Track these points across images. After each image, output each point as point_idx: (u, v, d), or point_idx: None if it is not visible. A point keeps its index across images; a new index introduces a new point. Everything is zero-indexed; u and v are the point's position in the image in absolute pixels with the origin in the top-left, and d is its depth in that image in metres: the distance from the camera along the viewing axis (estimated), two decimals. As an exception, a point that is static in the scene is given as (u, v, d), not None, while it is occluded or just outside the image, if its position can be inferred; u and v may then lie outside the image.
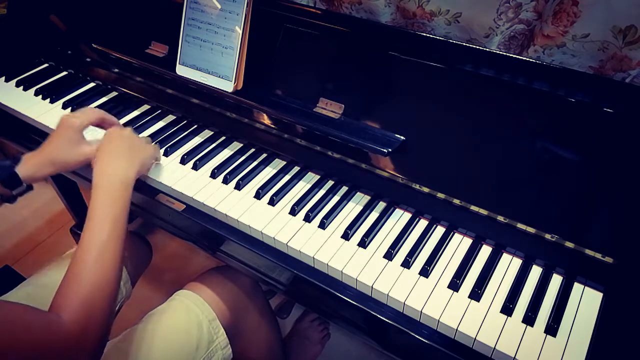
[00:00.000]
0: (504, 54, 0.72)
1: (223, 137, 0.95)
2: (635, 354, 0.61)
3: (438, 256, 0.72)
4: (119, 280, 0.64)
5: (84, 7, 1.12)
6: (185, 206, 0.84)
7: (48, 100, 1.05)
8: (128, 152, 0.77)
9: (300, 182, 0.85)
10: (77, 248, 0.63)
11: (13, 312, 0.55)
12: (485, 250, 0.74)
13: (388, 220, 0.78)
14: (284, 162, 0.89)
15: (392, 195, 0.81)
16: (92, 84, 1.11)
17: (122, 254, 0.65)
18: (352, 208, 0.80)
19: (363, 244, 0.74)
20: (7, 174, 0.74)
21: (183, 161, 0.89)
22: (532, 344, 0.61)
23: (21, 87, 1.09)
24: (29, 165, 0.77)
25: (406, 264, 0.71)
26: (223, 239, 0.81)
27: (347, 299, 0.70)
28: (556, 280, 0.69)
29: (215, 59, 0.88)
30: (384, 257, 0.72)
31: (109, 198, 0.68)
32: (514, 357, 0.60)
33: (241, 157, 0.91)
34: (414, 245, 0.73)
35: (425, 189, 0.77)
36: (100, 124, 0.85)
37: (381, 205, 0.81)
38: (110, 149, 0.77)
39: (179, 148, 0.93)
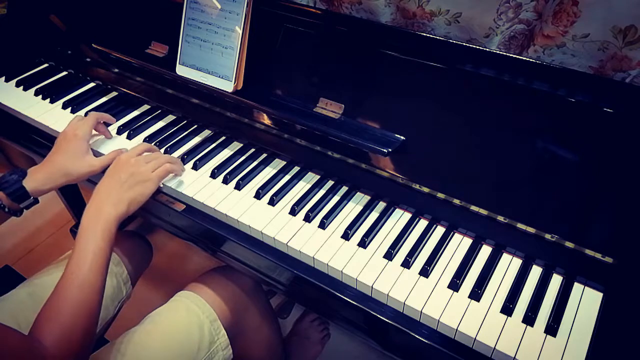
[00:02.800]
0: (504, 54, 0.72)
1: (223, 137, 0.95)
2: (635, 354, 0.61)
3: (438, 256, 0.72)
4: (98, 308, 0.66)
5: (84, 7, 1.12)
6: (185, 206, 0.84)
7: (48, 100, 1.05)
8: (124, 187, 0.75)
9: (300, 182, 0.85)
10: (61, 277, 0.65)
11: None
12: (485, 250, 0.74)
13: (388, 220, 0.78)
14: (284, 162, 0.89)
15: (392, 195, 0.81)
16: (92, 84, 1.11)
17: (103, 284, 0.68)
18: (352, 208, 0.80)
19: (363, 244, 0.74)
20: (14, 188, 0.75)
21: (183, 161, 0.89)
22: (532, 344, 0.61)
23: (21, 87, 1.09)
24: (35, 178, 0.78)
25: (406, 264, 0.71)
26: (223, 239, 0.81)
27: (347, 299, 0.70)
28: (556, 280, 0.69)
29: (215, 59, 0.88)
30: (384, 257, 0.72)
31: (92, 233, 0.69)
32: (514, 357, 0.60)
33: (241, 157, 0.91)
34: (414, 245, 0.74)
35: (425, 189, 0.77)
36: (98, 126, 0.87)
37: (381, 205, 0.81)
38: (108, 180, 0.76)
39: (179, 148, 0.93)
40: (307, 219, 0.78)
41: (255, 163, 0.89)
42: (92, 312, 0.65)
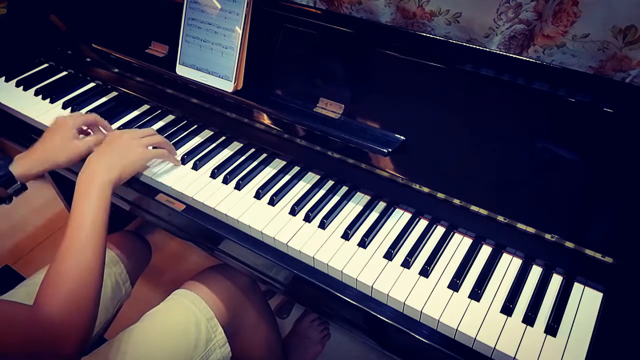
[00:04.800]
0: (504, 54, 0.72)
1: (223, 137, 0.95)
2: (635, 354, 0.61)
3: (438, 256, 0.72)
4: (100, 273, 0.65)
5: (84, 7, 1.12)
6: (185, 206, 0.84)
7: (48, 100, 1.05)
8: (114, 155, 0.77)
9: (300, 182, 0.85)
10: (60, 245, 0.64)
11: None
12: (485, 250, 0.74)
13: (388, 220, 0.78)
14: (284, 162, 0.89)
15: (392, 195, 0.81)
16: (92, 84, 1.11)
17: (104, 250, 0.67)
18: (352, 208, 0.80)
19: (363, 244, 0.74)
20: (1, 174, 0.75)
21: (183, 161, 0.89)
22: (532, 344, 0.61)
23: (21, 87, 1.09)
24: (22, 163, 0.78)
25: (406, 264, 0.71)
26: (223, 238, 0.81)
27: (347, 299, 0.70)
28: (556, 280, 0.69)
29: (215, 59, 0.88)
30: (384, 257, 0.72)
31: (86, 199, 0.69)
32: (514, 357, 0.60)
33: (241, 157, 0.91)
34: (414, 245, 0.73)
35: (425, 189, 0.77)
36: (92, 126, 0.87)
37: (381, 205, 0.81)
38: (100, 149, 0.78)
39: (179, 148, 0.93)
40: (307, 219, 0.78)
41: (255, 163, 0.89)
42: (94, 277, 0.64)
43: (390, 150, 0.76)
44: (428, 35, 0.78)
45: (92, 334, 0.63)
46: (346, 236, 0.75)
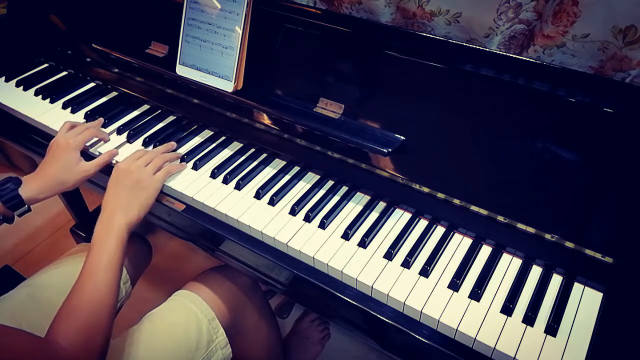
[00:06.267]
0: (504, 54, 0.72)
1: (223, 137, 0.95)
2: (635, 354, 0.61)
3: (438, 256, 0.72)
4: (113, 309, 0.68)
5: (84, 7, 1.12)
6: (185, 206, 0.84)
7: (48, 100, 1.05)
8: (129, 195, 0.77)
9: (300, 182, 0.85)
10: (76, 282, 0.67)
11: (7, 338, 0.56)
12: (485, 250, 0.74)
13: (388, 220, 0.78)
14: (284, 162, 0.89)
15: (392, 195, 0.81)
16: (92, 84, 1.11)
17: (117, 286, 0.69)
18: (352, 208, 0.80)
19: (363, 244, 0.74)
20: (10, 196, 0.76)
21: (183, 161, 0.89)
22: (532, 344, 0.61)
23: (21, 87, 1.09)
24: (31, 188, 0.79)
25: (406, 264, 0.71)
26: (223, 238, 0.81)
27: (347, 299, 0.70)
28: (556, 280, 0.69)
29: (215, 59, 0.88)
30: (384, 257, 0.72)
31: (105, 242, 0.71)
32: (514, 357, 0.60)
33: (241, 157, 0.91)
34: (414, 245, 0.73)
35: (425, 189, 0.77)
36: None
37: (381, 205, 0.81)
38: (113, 190, 0.78)
39: (179, 148, 0.93)
40: (307, 219, 0.78)
41: (255, 163, 0.89)
42: (108, 312, 0.66)
43: (390, 150, 0.76)
44: (428, 35, 0.78)
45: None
46: (346, 236, 0.75)
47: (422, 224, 0.78)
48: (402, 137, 0.78)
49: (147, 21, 1.02)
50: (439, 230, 0.77)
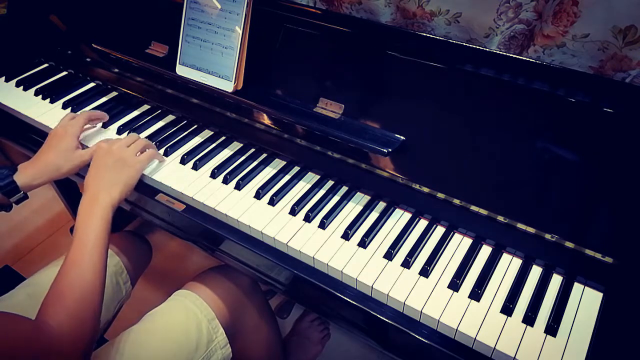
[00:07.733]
0: (504, 54, 0.72)
1: (223, 137, 0.95)
2: (635, 354, 0.61)
3: (438, 256, 0.72)
4: (101, 290, 0.68)
5: (84, 7, 1.12)
6: (185, 206, 0.84)
7: (48, 100, 1.05)
8: (112, 172, 0.78)
9: (300, 182, 0.85)
10: (62, 265, 0.67)
11: None
12: (485, 250, 0.74)
13: (388, 220, 0.78)
14: (284, 162, 0.89)
15: (392, 195, 0.81)
16: (92, 84, 1.11)
17: (104, 266, 0.70)
18: (352, 208, 0.80)
19: (363, 244, 0.74)
20: (5, 183, 0.76)
21: (183, 161, 0.89)
22: (532, 344, 0.61)
23: (21, 87, 1.09)
24: (26, 174, 0.79)
25: (406, 264, 0.71)
26: (223, 239, 0.81)
27: (347, 299, 0.70)
28: (556, 280, 0.69)
29: (215, 58, 0.88)
30: (384, 257, 0.72)
31: (90, 221, 0.71)
32: (514, 357, 0.60)
33: (241, 157, 0.91)
34: (414, 245, 0.73)
35: (425, 189, 0.77)
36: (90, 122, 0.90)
37: (381, 205, 0.81)
38: (95, 167, 0.79)
39: (179, 148, 0.93)
40: (307, 219, 0.78)
41: (255, 163, 0.89)
42: (96, 293, 0.66)
43: (390, 150, 0.76)
44: (428, 35, 0.78)
45: (93, 346, 0.65)
46: (346, 236, 0.75)
47: (422, 224, 0.78)
48: (402, 137, 0.78)
49: (147, 21, 1.02)
50: (439, 230, 0.77)
